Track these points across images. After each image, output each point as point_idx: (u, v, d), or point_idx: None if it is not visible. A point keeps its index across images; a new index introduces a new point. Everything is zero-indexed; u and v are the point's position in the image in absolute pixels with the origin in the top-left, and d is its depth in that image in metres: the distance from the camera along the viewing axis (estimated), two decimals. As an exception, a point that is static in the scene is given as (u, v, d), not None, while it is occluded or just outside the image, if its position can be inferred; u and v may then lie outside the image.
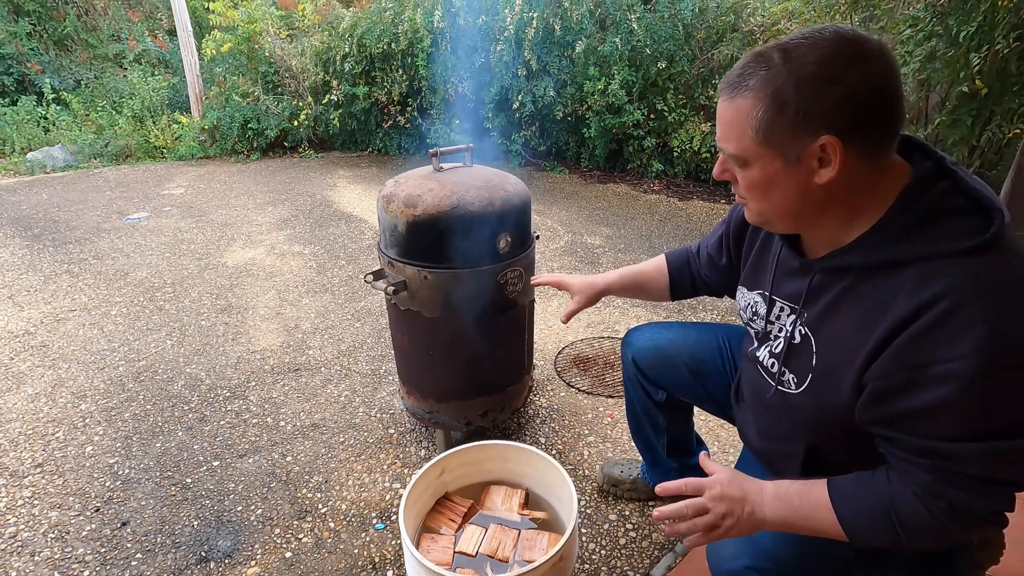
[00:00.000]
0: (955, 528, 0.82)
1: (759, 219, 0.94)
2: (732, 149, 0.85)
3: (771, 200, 0.87)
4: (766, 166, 0.83)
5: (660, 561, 1.49)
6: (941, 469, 0.80)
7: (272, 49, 6.03)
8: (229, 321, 2.77)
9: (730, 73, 0.85)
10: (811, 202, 0.85)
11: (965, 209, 0.80)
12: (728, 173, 0.90)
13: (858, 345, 0.84)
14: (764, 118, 0.79)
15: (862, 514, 0.87)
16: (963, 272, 0.76)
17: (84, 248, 3.70)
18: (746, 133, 0.82)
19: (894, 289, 0.81)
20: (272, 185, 5.18)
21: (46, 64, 7.29)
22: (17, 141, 6.17)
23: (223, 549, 1.56)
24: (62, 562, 1.52)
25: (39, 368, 2.40)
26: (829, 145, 0.78)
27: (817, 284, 0.93)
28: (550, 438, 1.96)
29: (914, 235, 0.81)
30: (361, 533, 1.60)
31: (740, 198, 0.94)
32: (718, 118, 0.87)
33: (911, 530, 0.84)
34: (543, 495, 1.29)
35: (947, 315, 0.75)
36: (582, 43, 4.74)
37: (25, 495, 1.74)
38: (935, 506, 0.81)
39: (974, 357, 0.73)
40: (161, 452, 1.91)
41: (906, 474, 0.84)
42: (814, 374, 0.93)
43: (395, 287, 1.61)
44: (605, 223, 4.14)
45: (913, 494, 0.82)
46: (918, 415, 0.79)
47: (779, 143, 0.80)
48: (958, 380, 0.74)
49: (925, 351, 0.76)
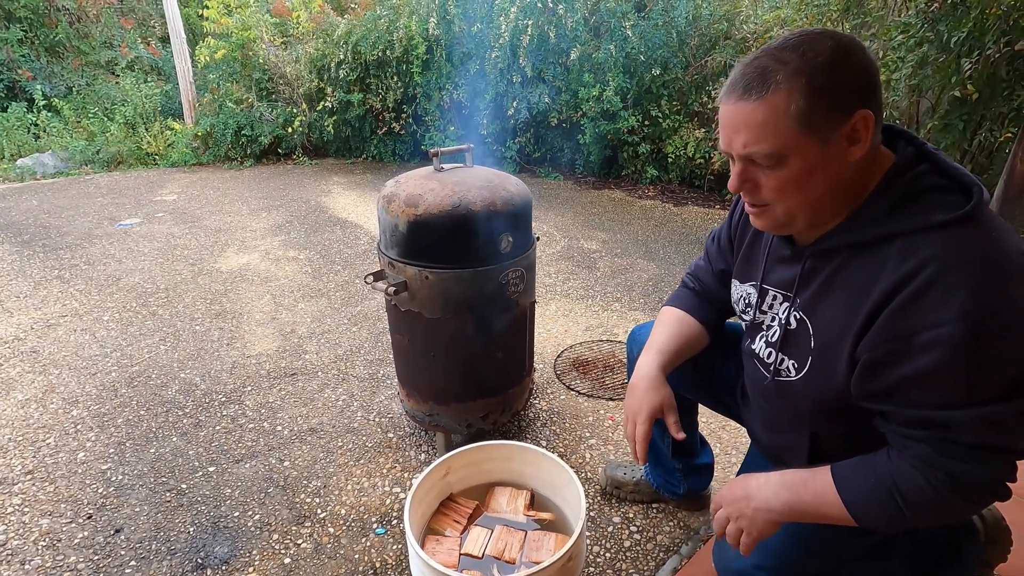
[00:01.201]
0: (956, 499, 0.83)
1: (783, 220, 0.91)
2: (768, 148, 0.83)
3: (806, 192, 0.86)
4: (806, 156, 0.83)
5: (665, 563, 1.48)
6: (937, 439, 0.81)
7: (266, 56, 6.02)
8: (224, 326, 2.74)
9: (739, 78, 0.84)
10: (839, 186, 0.87)
11: (943, 187, 0.84)
12: (749, 183, 0.88)
13: (849, 322, 0.87)
14: (804, 106, 0.80)
15: (866, 495, 0.87)
16: (944, 243, 0.79)
17: (75, 254, 3.66)
18: (785, 127, 0.81)
19: (880, 264, 0.84)
20: (266, 191, 5.16)
21: (37, 71, 7.24)
22: (7, 147, 6.10)
23: (220, 555, 1.52)
24: (54, 570, 1.48)
25: (29, 374, 2.35)
26: (863, 119, 0.81)
27: (809, 269, 0.96)
28: (551, 441, 1.94)
29: (896, 213, 0.84)
30: (361, 538, 1.57)
31: (756, 207, 0.92)
32: (739, 123, 0.84)
33: (914, 505, 0.84)
34: (548, 496, 1.27)
35: (930, 284, 0.78)
36: (577, 50, 4.77)
37: (15, 502, 1.70)
38: (934, 477, 0.82)
39: (958, 322, 0.75)
40: (155, 458, 1.88)
41: (904, 449, 0.85)
42: (813, 356, 0.95)
43: (396, 287, 1.59)
44: (601, 228, 4.15)
45: (912, 467, 0.83)
46: (909, 384, 0.81)
47: (818, 129, 0.81)
48: (944, 346, 0.76)
49: (911, 320, 0.79)
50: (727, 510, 1.02)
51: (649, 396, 1.11)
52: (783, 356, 1.03)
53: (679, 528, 1.58)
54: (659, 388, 1.13)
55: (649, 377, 1.14)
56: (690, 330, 1.25)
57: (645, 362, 1.18)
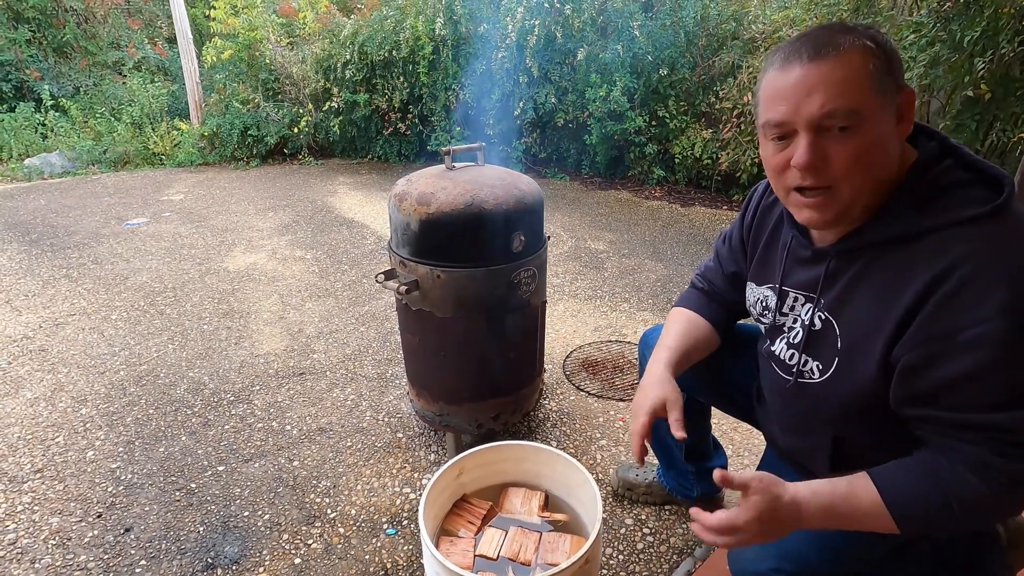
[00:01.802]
0: (1010, 501, 0.81)
1: (847, 204, 0.84)
2: (851, 104, 0.78)
3: (875, 166, 0.82)
4: (880, 122, 0.80)
5: (679, 566, 1.46)
6: (989, 441, 0.79)
7: (273, 56, 6.03)
8: (232, 325, 2.74)
9: (807, 44, 0.81)
10: (890, 168, 0.84)
11: (970, 182, 0.83)
12: (819, 157, 0.81)
13: (879, 321, 0.85)
14: (880, 67, 0.79)
15: (918, 504, 0.83)
16: (978, 238, 0.77)
17: (83, 253, 3.66)
18: (865, 85, 0.78)
19: (910, 262, 0.82)
20: (272, 191, 5.16)
21: (45, 71, 7.27)
22: (15, 147, 6.13)
23: (230, 555, 1.51)
24: (64, 569, 1.48)
25: (38, 372, 2.35)
26: (909, 97, 0.81)
27: (834, 269, 0.94)
28: (561, 442, 1.93)
29: (924, 209, 0.83)
30: (372, 539, 1.56)
31: (819, 191, 0.83)
32: (815, 83, 0.79)
33: (970, 508, 0.81)
34: (563, 497, 1.26)
35: (966, 281, 0.76)
36: (583, 50, 4.75)
37: (25, 501, 1.70)
38: (993, 480, 0.79)
39: (999, 318, 0.73)
40: (164, 457, 1.87)
41: (954, 452, 0.82)
42: (840, 356, 0.93)
43: (407, 287, 1.58)
44: (608, 228, 4.13)
45: (967, 471, 0.80)
46: (956, 386, 0.78)
47: (887, 95, 0.80)
48: (987, 343, 0.74)
49: (950, 319, 0.77)
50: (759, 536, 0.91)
51: (653, 392, 1.09)
52: (807, 357, 1.00)
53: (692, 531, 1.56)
54: (663, 385, 1.09)
55: (655, 374, 1.12)
56: (699, 330, 1.23)
57: (654, 361, 1.16)
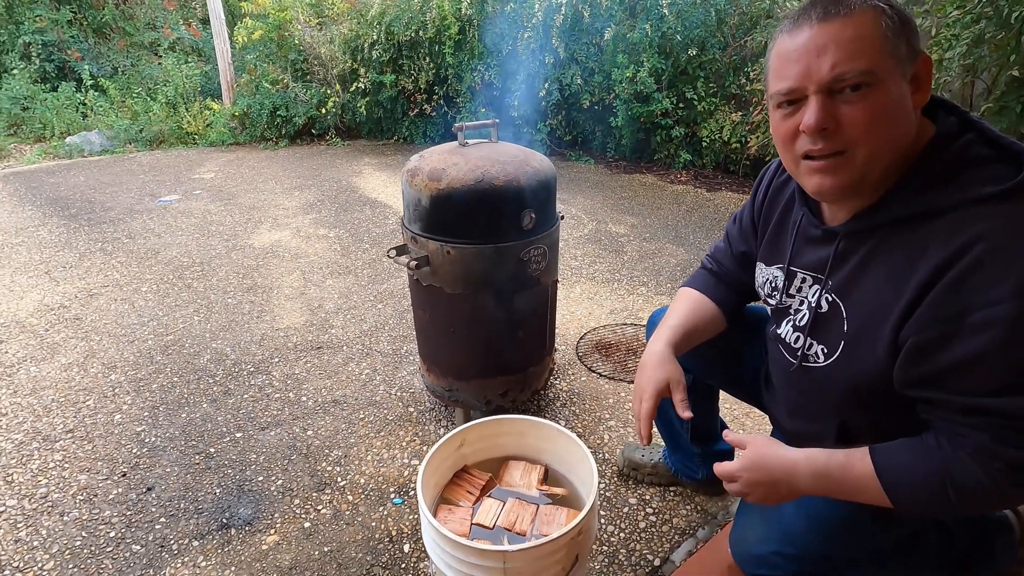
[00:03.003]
0: (1011, 489, 0.79)
1: (861, 170, 0.80)
2: (863, 64, 0.75)
3: (892, 131, 0.78)
4: (895, 83, 0.77)
5: (680, 546, 1.46)
6: (995, 427, 0.76)
7: (302, 37, 6.08)
8: (255, 300, 2.81)
9: (816, 5, 0.78)
10: (906, 137, 0.80)
11: (992, 158, 0.79)
12: (832, 119, 0.78)
13: (889, 301, 0.82)
14: (893, 27, 0.76)
15: (912, 482, 0.83)
16: (995, 217, 0.74)
17: (117, 228, 3.79)
18: (877, 44, 0.75)
19: (924, 241, 0.79)
20: (299, 171, 5.24)
21: (85, 51, 7.49)
22: (57, 126, 6.35)
23: (244, 517, 1.57)
24: (90, 523, 1.56)
25: (72, 339, 2.46)
26: (925, 63, 0.78)
27: (843, 249, 0.91)
28: (570, 421, 1.94)
29: (941, 186, 0.79)
30: (379, 507, 1.60)
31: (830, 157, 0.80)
32: (825, 43, 0.76)
33: (967, 495, 0.79)
34: (562, 471, 1.27)
35: (982, 261, 0.73)
36: (611, 30, 4.67)
37: (56, 458, 1.79)
38: (993, 467, 0.77)
39: (1013, 300, 0.70)
40: (186, 422, 1.95)
41: (958, 437, 0.80)
42: (846, 340, 0.90)
43: (417, 262, 1.60)
44: (630, 212, 4.08)
45: (968, 457, 0.78)
46: (963, 369, 0.76)
47: (900, 58, 0.77)
48: (999, 326, 0.72)
49: (962, 299, 0.74)
50: (753, 494, 0.97)
51: (656, 373, 1.08)
52: (812, 341, 0.98)
53: (696, 512, 1.56)
54: (665, 365, 1.09)
55: (657, 354, 1.11)
56: (704, 310, 1.21)
57: (655, 339, 1.15)
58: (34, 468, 1.75)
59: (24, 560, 1.45)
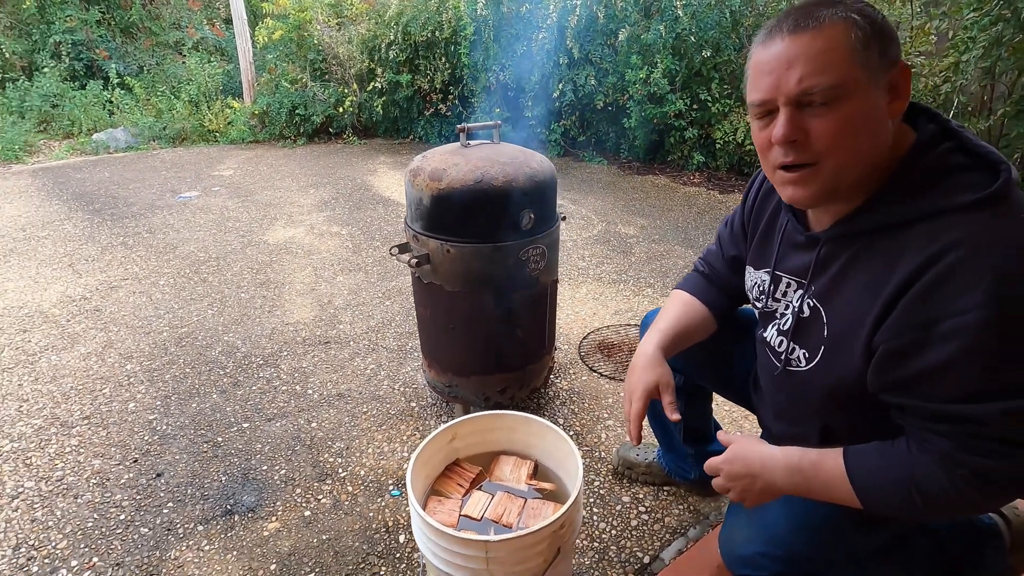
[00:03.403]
0: (977, 496, 0.80)
1: (830, 182, 0.82)
2: (830, 79, 0.76)
3: (860, 144, 0.79)
4: (864, 96, 0.77)
5: (671, 544, 1.48)
6: (961, 434, 0.78)
7: (321, 37, 6.18)
8: (267, 294, 2.88)
9: (788, 16, 0.80)
10: (880, 147, 0.81)
11: (969, 166, 0.80)
12: (800, 131, 0.79)
13: (866, 308, 0.83)
14: (863, 39, 0.76)
15: (880, 487, 0.85)
16: (969, 225, 0.75)
17: (139, 223, 3.91)
18: (846, 58, 0.76)
19: (901, 248, 0.80)
20: (316, 169, 5.33)
21: (113, 50, 7.69)
22: (84, 123, 6.53)
23: (247, 504, 1.63)
24: (101, 505, 1.63)
25: (92, 330, 2.55)
26: (904, 71, 0.78)
27: (825, 255, 0.92)
28: (568, 419, 1.96)
29: (919, 194, 0.80)
30: (377, 498, 1.64)
31: (800, 169, 0.82)
32: (794, 56, 0.77)
33: (932, 500, 0.81)
34: (552, 467, 1.29)
35: (953, 269, 0.74)
36: (625, 31, 4.67)
37: (73, 443, 1.87)
38: (956, 474, 0.78)
39: (982, 309, 0.71)
40: (196, 412, 2.01)
41: (925, 442, 0.82)
42: (826, 345, 0.92)
43: (418, 259, 1.64)
44: (640, 214, 4.08)
45: (934, 463, 0.80)
46: (931, 376, 0.77)
47: (872, 69, 0.77)
48: (967, 334, 0.72)
49: (933, 307, 0.75)
50: (733, 489, 1.01)
51: (645, 375, 1.10)
52: (794, 345, 1.00)
53: (689, 512, 1.57)
54: (655, 367, 1.11)
55: (647, 356, 1.13)
56: (694, 312, 1.22)
57: (645, 341, 1.17)
58: (51, 452, 1.83)
59: (39, 539, 1.52)
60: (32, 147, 5.99)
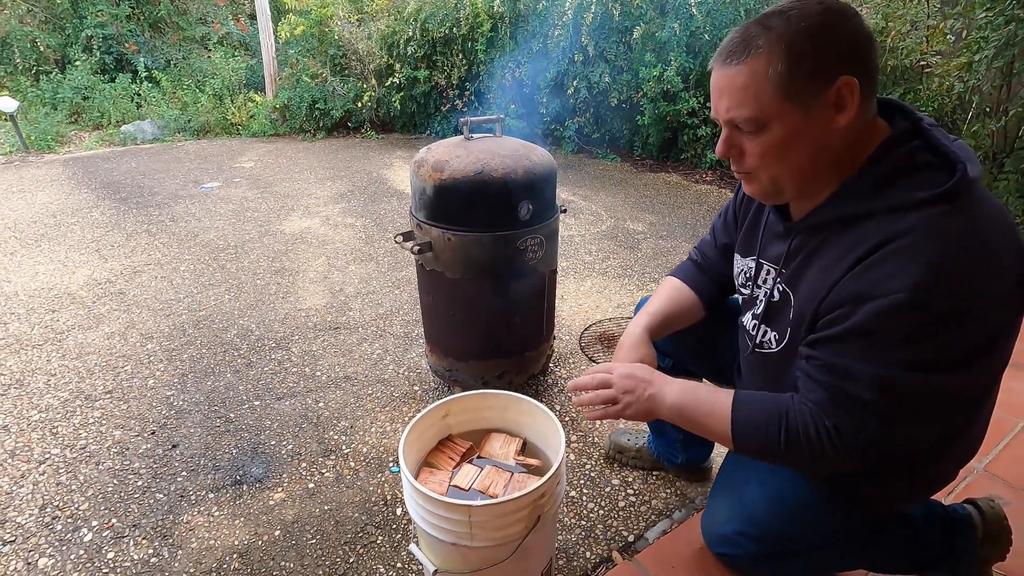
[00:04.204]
0: (831, 452, 0.86)
1: (770, 188, 0.93)
2: (748, 113, 0.84)
3: (789, 161, 0.87)
4: (787, 122, 0.84)
5: (656, 525, 1.53)
6: (836, 388, 0.84)
7: (341, 32, 6.29)
8: (281, 281, 2.99)
9: (726, 44, 0.87)
10: (827, 154, 0.87)
11: (932, 164, 0.84)
12: (735, 148, 0.91)
13: (819, 288, 0.89)
14: (783, 71, 0.81)
15: (754, 419, 0.93)
16: (919, 219, 0.79)
17: (162, 211, 4.05)
18: (765, 91, 0.82)
19: (858, 238, 0.85)
20: (333, 162, 5.45)
21: (141, 44, 7.90)
22: (113, 115, 6.74)
23: (255, 475, 1.72)
24: (121, 472, 1.73)
25: (116, 311, 2.68)
26: (847, 86, 0.81)
27: (796, 244, 0.97)
28: (565, 406, 2.02)
29: (883, 189, 0.85)
30: (378, 474, 1.72)
31: (744, 174, 0.94)
32: (723, 88, 0.87)
33: (792, 441, 0.89)
34: (540, 445, 1.35)
35: (894, 253, 0.79)
36: (640, 28, 4.68)
37: (96, 415, 1.98)
38: (820, 424, 0.86)
39: (904, 292, 0.76)
40: (211, 389, 2.12)
41: (807, 391, 0.89)
42: (791, 327, 0.97)
43: (420, 247, 1.71)
44: (650, 211, 4.11)
45: (807, 410, 0.88)
46: (838, 337, 0.84)
47: (799, 95, 0.82)
48: (883, 310, 0.78)
49: (865, 284, 0.80)
50: (624, 383, 1.04)
51: (630, 354, 1.16)
52: (766, 328, 1.05)
53: (675, 495, 1.63)
54: (640, 347, 1.17)
55: (633, 336, 1.19)
56: (682, 298, 1.28)
57: (634, 323, 1.23)
58: (76, 423, 1.95)
59: (63, 500, 1.63)
60: (64, 138, 6.21)
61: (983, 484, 1.60)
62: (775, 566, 1.25)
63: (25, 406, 2.03)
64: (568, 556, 1.45)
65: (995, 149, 3.12)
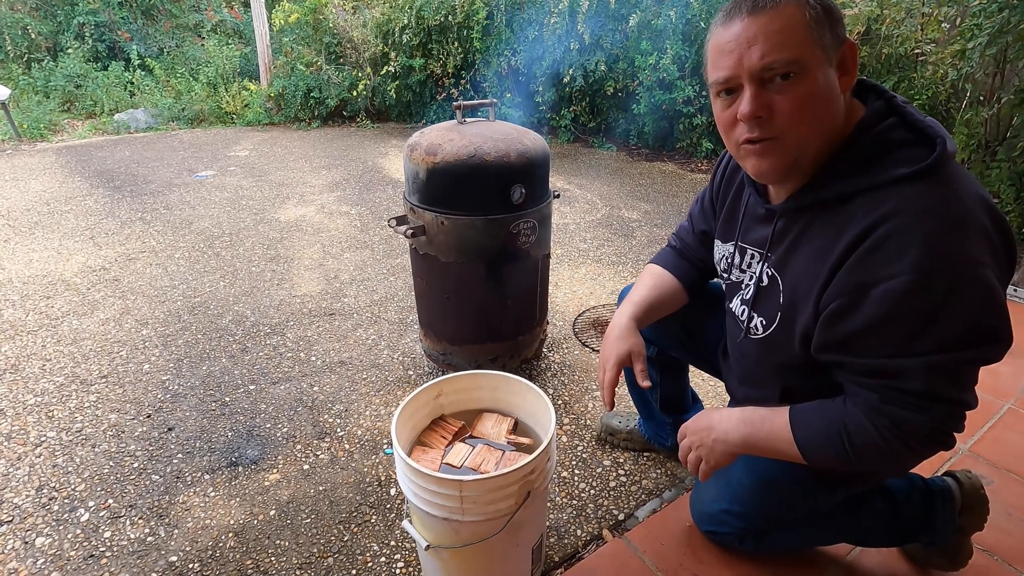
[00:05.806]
0: (900, 446, 0.87)
1: (793, 155, 0.86)
2: (790, 55, 0.80)
3: (821, 115, 0.83)
4: (821, 72, 0.81)
5: (646, 504, 1.56)
6: (885, 387, 0.85)
7: (336, 20, 6.25)
8: (276, 269, 2.99)
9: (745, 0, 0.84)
10: (836, 120, 0.86)
11: (911, 141, 0.85)
12: (765, 108, 0.83)
13: (815, 276, 0.90)
14: (819, 16, 0.81)
15: (816, 435, 0.92)
16: (904, 197, 0.80)
17: (157, 199, 4.04)
18: (803, 34, 0.80)
19: (846, 220, 0.86)
20: (329, 151, 5.43)
21: (134, 32, 7.84)
22: (106, 103, 6.70)
23: (251, 457, 1.74)
24: (116, 455, 1.75)
25: (111, 298, 2.68)
26: (851, 48, 0.83)
27: (781, 227, 0.98)
28: (558, 390, 2.04)
29: (862, 168, 0.86)
30: (371, 455, 1.74)
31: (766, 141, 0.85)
32: (754, 35, 0.81)
33: (859, 448, 0.89)
34: (531, 425, 1.37)
35: (887, 237, 0.79)
36: (636, 16, 4.67)
37: (91, 399, 1.99)
38: (881, 424, 0.86)
39: (908, 274, 0.77)
40: (206, 374, 2.13)
41: (855, 396, 0.89)
42: (782, 311, 0.98)
43: (414, 231, 1.72)
44: (645, 199, 4.12)
45: (862, 415, 0.88)
46: (862, 334, 0.84)
47: (826, 46, 0.82)
48: (894, 297, 0.79)
49: (867, 272, 0.81)
50: (690, 439, 1.09)
51: (618, 345, 1.18)
52: (754, 313, 1.06)
53: (665, 476, 1.65)
54: (628, 337, 1.18)
55: (620, 326, 1.20)
56: (665, 284, 1.29)
57: (619, 313, 1.24)
58: (72, 406, 1.96)
59: (60, 482, 1.65)
60: (56, 126, 6.17)
61: (967, 464, 1.62)
62: (760, 541, 1.28)
63: (21, 390, 2.04)
64: (560, 534, 1.47)
65: (988, 137, 3.14)
